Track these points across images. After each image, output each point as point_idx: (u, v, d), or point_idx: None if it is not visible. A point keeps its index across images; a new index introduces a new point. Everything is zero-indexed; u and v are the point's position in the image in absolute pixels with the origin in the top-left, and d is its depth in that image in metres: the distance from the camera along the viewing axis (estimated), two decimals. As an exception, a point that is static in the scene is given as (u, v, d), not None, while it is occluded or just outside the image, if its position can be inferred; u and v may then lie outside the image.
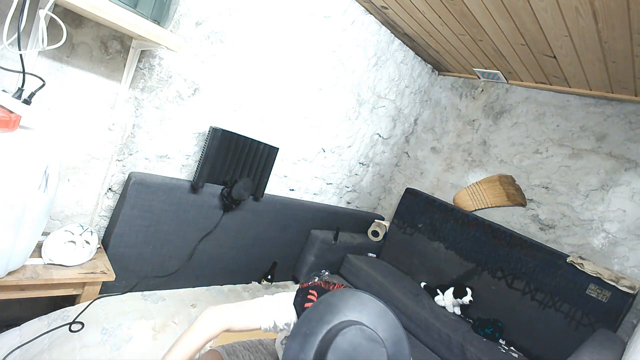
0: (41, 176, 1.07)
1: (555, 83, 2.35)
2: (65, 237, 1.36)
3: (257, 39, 1.79)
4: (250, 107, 1.92)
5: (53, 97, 1.32)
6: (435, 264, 2.64)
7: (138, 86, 1.51)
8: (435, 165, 2.99)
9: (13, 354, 1.14)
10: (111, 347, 1.24)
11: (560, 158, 2.36)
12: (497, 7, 1.65)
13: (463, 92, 2.91)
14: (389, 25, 2.37)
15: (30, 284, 1.23)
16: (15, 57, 1.17)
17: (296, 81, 2.07)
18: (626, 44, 1.57)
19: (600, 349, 1.48)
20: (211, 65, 1.68)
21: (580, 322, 1.98)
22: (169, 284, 1.79)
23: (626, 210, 2.09)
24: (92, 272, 1.38)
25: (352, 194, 2.93)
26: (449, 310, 2.36)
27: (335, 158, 2.58)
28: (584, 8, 1.41)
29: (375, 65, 2.49)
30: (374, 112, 2.69)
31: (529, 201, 2.45)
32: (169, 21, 1.28)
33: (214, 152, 1.70)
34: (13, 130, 0.99)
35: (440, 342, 2.04)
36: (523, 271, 2.23)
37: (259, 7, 1.74)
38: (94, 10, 1.03)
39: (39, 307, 1.60)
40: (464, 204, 2.71)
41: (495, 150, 2.67)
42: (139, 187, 1.55)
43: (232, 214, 1.94)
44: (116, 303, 1.47)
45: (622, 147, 2.15)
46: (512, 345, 2.16)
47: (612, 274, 1.93)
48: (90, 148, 1.48)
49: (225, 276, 2.06)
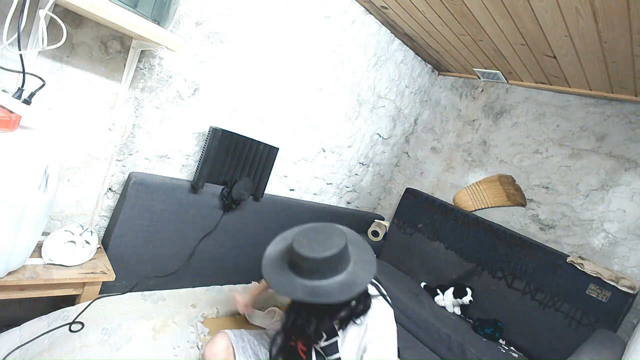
0: (41, 176, 1.07)
1: (555, 83, 2.35)
2: (65, 237, 1.36)
3: (257, 39, 1.79)
4: (250, 107, 1.92)
5: (53, 97, 1.32)
6: (435, 264, 2.64)
7: (138, 86, 1.51)
8: (435, 165, 2.99)
9: (13, 354, 1.15)
10: (111, 347, 1.24)
11: (560, 158, 2.36)
12: (497, 7, 1.65)
13: (463, 92, 2.91)
14: (389, 25, 2.37)
15: (30, 284, 1.23)
16: (15, 57, 1.17)
17: (296, 81, 2.07)
18: (626, 44, 1.57)
19: (600, 349, 1.48)
20: (211, 65, 1.68)
21: (580, 322, 1.98)
22: (169, 284, 1.79)
23: (626, 210, 2.09)
24: (92, 272, 1.38)
25: (352, 194, 2.93)
26: (449, 310, 2.36)
27: (335, 158, 2.58)
28: (584, 8, 1.41)
29: (375, 65, 2.49)
30: (374, 112, 2.69)
31: (529, 201, 2.45)
32: (169, 21, 1.28)
33: (214, 152, 1.70)
34: (13, 130, 0.99)
35: (440, 342, 2.04)
36: (523, 271, 2.23)
37: (259, 7, 1.74)
38: (94, 10, 1.03)
39: (39, 307, 1.60)
40: (464, 204, 2.71)
41: (495, 150, 2.67)
42: (139, 187, 1.55)
43: (232, 214, 1.94)
44: (116, 303, 1.47)
45: (622, 147, 2.15)
46: (512, 345, 2.16)
47: (612, 274, 1.93)
48: (90, 148, 1.48)
49: (225, 276, 2.06)
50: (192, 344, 1.41)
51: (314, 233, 1.06)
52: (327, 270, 1.00)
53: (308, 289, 0.99)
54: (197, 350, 1.39)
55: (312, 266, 0.99)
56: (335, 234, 1.05)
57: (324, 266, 0.99)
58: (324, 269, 1.00)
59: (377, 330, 1.07)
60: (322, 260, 0.98)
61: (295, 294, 0.99)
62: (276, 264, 1.10)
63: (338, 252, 0.99)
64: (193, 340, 1.43)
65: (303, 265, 1.01)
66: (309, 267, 1.00)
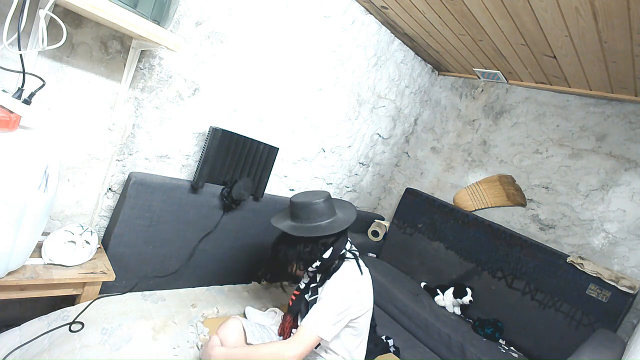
0: (41, 176, 1.07)
1: (555, 83, 2.35)
2: (65, 237, 1.36)
3: (257, 39, 1.79)
4: (250, 107, 1.92)
5: (53, 97, 1.32)
6: (435, 264, 2.64)
7: (138, 86, 1.51)
8: (435, 165, 2.99)
9: (13, 354, 1.14)
10: (111, 347, 1.24)
11: (560, 158, 2.36)
12: (497, 7, 1.65)
13: (463, 92, 2.91)
14: (389, 25, 2.37)
15: (30, 284, 1.23)
16: (15, 57, 1.17)
17: (296, 81, 2.07)
18: (626, 44, 1.57)
19: (600, 349, 1.48)
20: (211, 65, 1.68)
21: (580, 322, 1.98)
22: (169, 284, 1.79)
23: (626, 210, 2.09)
24: (92, 272, 1.38)
25: (352, 194, 2.93)
26: (449, 310, 2.36)
27: (335, 158, 2.58)
28: (584, 8, 1.41)
29: (375, 65, 2.49)
30: (374, 112, 2.69)
31: (529, 201, 2.45)
32: (169, 21, 1.28)
33: (214, 152, 1.70)
34: (13, 130, 0.99)
35: (440, 342, 2.04)
36: (523, 271, 2.23)
37: (259, 7, 1.74)
38: (94, 10, 1.03)
39: (39, 307, 1.60)
40: (464, 204, 2.71)
41: (495, 150, 2.67)
42: (139, 187, 1.55)
43: (232, 214, 1.94)
44: (116, 303, 1.47)
45: (622, 147, 2.15)
46: (512, 345, 2.16)
47: (612, 274, 1.93)
48: (90, 148, 1.48)
49: (225, 276, 2.06)
50: (192, 344, 1.41)
51: (306, 192, 1.49)
52: (315, 215, 1.37)
53: (295, 226, 1.39)
54: (197, 350, 1.39)
55: (302, 211, 1.38)
56: (322, 193, 1.44)
57: (312, 211, 1.37)
58: (312, 213, 1.37)
59: (333, 282, 1.30)
60: (310, 204, 1.37)
61: (284, 227, 1.39)
62: (280, 216, 1.50)
63: (322, 202, 1.39)
64: (193, 340, 1.43)
65: (297, 212, 1.40)
66: (300, 212, 1.39)
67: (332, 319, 1.21)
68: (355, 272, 1.34)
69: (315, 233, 1.34)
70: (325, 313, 1.21)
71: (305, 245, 1.36)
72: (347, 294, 1.27)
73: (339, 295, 1.26)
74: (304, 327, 1.19)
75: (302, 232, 1.35)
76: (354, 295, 1.28)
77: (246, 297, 1.93)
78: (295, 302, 1.43)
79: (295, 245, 1.37)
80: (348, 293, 1.27)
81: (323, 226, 1.37)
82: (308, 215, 1.38)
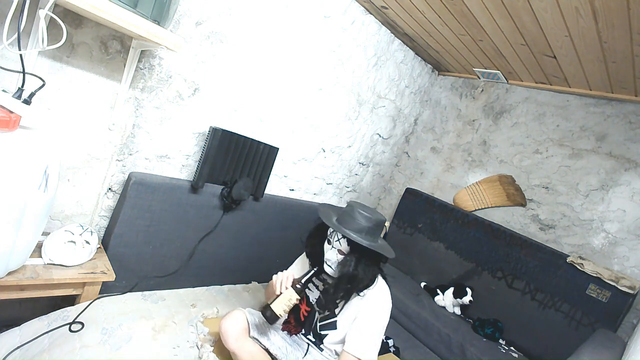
0: (41, 176, 1.07)
1: (555, 83, 2.35)
2: (65, 237, 1.36)
3: (257, 39, 1.79)
4: (250, 107, 1.92)
5: (53, 97, 1.32)
6: (435, 264, 2.64)
7: (138, 86, 1.51)
8: (435, 165, 2.99)
9: (13, 354, 1.14)
10: (111, 347, 1.24)
11: (560, 158, 2.36)
12: (497, 7, 1.65)
13: (463, 92, 2.91)
14: (389, 25, 2.37)
15: (30, 284, 1.23)
16: (15, 57, 1.17)
17: (296, 81, 2.07)
18: (626, 44, 1.57)
19: (600, 349, 1.48)
20: (211, 65, 1.68)
21: (580, 322, 1.98)
22: (169, 284, 1.79)
23: (626, 210, 2.09)
24: (92, 272, 1.38)
25: (352, 194, 2.93)
26: (449, 310, 2.36)
27: (335, 158, 2.58)
28: (584, 8, 1.41)
29: (375, 65, 2.49)
30: (374, 112, 2.69)
31: (529, 201, 2.45)
32: (169, 21, 1.28)
33: (214, 152, 1.70)
34: (13, 130, 0.99)
35: (440, 342, 2.04)
36: (523, 271, 2.23)
37: (259, 7, 1.74)
38: (94, 10, 1.03)
39: (39, 307, 1.60)
40: (464, 204, 2.71)
41: (495, 150, 2.67)
42: (139, 187, 1.55)
43: (232, 214, 1.94)
44: (116, 303, 1.47)
45: (622, 147, 2.15)
46: (512, 345, 2.16)
47: (612, 274, 1.93)
48: (90, 148, 1.48)
49: (225, 276, 2.06)
50: (192, 344, 1.41)
51: (364, 206, 1.32)
52: (365, 230, 1.23)
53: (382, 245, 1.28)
54: (197, 350, 1.39)
55: (374, 228, 1.26)
56: (379, 214, 1.33)
57: (365, 226, 1.23)
58: (364, 228, 1.23)
59: (375, 301, 1.26)
60: (367, 219, 1.24)
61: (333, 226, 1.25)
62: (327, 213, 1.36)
63: (378, 222, 1.26)
64: (193, 340, 1.43)
65: (350, 220, 1.24)
66: (353, 222, 1.24)
67: (378, 342, 1.22)
68: (386, 287, 1.33)
69: (391, 254, 1.29)
70: (372, 338, 1.22)
71: (366, 263, 1.25)
72: (388, 313, 1.28)
73: (383, 316, 1.26)
74: (353, 356, 1.19)
75: (389, 253, 1.28)
76: (390, 311, 1.30)
77: (246, 297, 1.93)
78: (308, 319, 1.41)
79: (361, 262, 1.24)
80: (388, 312, 1.28)
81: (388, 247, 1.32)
82: (374, 232, 1.27)
